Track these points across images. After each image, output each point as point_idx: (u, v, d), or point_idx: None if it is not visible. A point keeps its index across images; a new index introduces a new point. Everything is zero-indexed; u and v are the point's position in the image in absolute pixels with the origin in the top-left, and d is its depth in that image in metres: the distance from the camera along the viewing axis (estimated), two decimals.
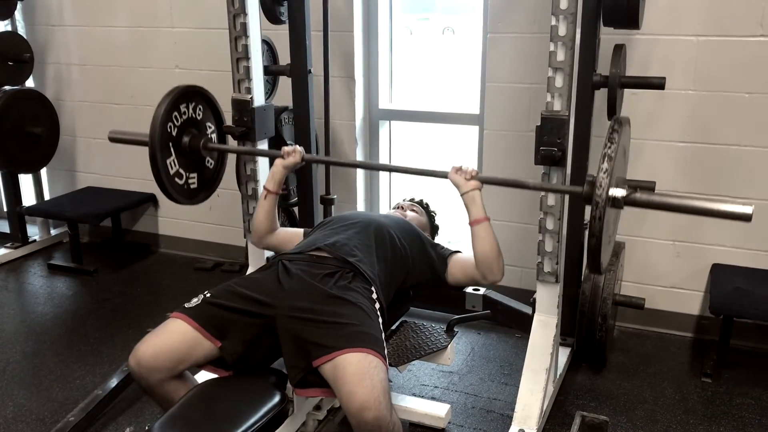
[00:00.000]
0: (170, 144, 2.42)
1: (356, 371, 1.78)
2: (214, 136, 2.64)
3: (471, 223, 2.23)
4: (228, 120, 2.71)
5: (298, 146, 2.49)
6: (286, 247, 2.45)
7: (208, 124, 2.61)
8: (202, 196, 2.64)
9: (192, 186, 2.57)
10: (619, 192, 1.84)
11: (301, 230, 2.59)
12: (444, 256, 2.45)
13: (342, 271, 2.09)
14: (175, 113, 2.43)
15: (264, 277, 2.13)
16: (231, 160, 3.02)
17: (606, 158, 1.79)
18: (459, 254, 2.46)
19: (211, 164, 2.65)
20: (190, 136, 2.49)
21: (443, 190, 2.49)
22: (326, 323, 1.91)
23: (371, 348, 1.85)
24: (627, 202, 1.86)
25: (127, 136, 2.58)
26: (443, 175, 2.26)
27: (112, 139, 2.60)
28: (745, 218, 1.74)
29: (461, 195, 2.22)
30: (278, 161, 2.47)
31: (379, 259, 2.22)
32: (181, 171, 2.50)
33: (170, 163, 2.43)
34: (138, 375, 1.92)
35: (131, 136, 2.55)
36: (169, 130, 2.40)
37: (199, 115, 2.54)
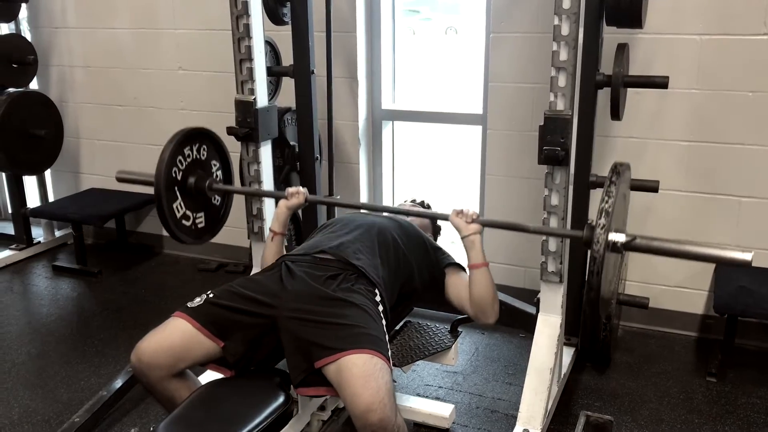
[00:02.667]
0: (175, 188, 2.42)
1: (361, 373, 1.78)
2: (219, 173, 2.63)
3: (469, 267, 2.26)
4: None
5: (301, 188, 2.50)
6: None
7: (213, 162, 2.61)
8: (208, 235, 2.64)
9: (200, 225, 2.58)
10: (618, 237, 1.87)
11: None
12: (443, 265, 2.39)
13: (345, 273, 2.09)
14: (180, 157, 2.42)
15: (267, 278, 2.14)
16: (234, 160, 3.02)
17: (603, 214, 1.81)
18: (457, 272, 2.39)
19: (217, 201, 2.65)
20: (195, 177, 2.48)
21: (444, 192, 2.49)
22: (329, 324, 1.92)
23: (375, 350, 1.85)
24: (627, 248, 1.90)
25: (133, 176, 2.61)
26: (444, 217, 2.31)
27: (120, 179, 2.63)
28: (745, 265, 1.79)
29: (462, 238, 2.25)
30: (282, 202, 2.49)
31: (382, 261, 2.22)
32: (188, 213, 2.50)
33: (176, 207, 2.44)
34: (139, 371, 1.93)
35: (138, 177, 2.58)
36: (174, 175, 2.40)
37: (203, 155, 2.54)
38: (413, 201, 2.84)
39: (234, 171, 2.74)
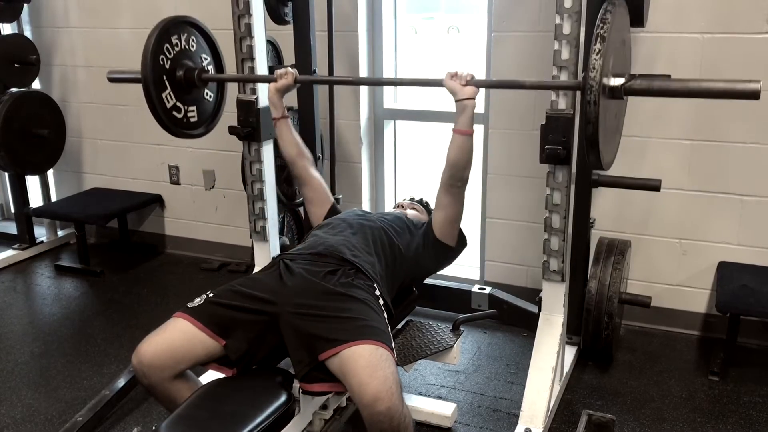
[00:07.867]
0: (164, 77, 2.40)
1: (368, 363, 1.79)
2: (210, 67, 2.61)
3: (454, 131, 2.27)
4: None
5: (290, 68, 2.49)
6: (317, 196, 2.59)
7: (203, 55, 2.58)
8: (202, 129, 2.61)
9: (192, 119, 2.55)
10: (616, 81, 1.78)
11: (331, 199, 2.64)
12: (428, 222, 2.49)
13: (343, 268, 2.11)
14: (167, 45, 2.40)
15: (266, 276, 2.15)
16: (237, 159, 3.03)
17: (598, 39, 1.66)
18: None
19: (210, 96, 2.63)
20: (185, 68, 2.47)
21: None
22: (332, 318, 1.93)
23: (379, 340, 1.86)
24: (626, 91, 1.81)
25: (123, 74, 2.60)
26: (438, 82, 2.25)
27: (111, 79, 2.62)
28: (753, 95, 1.64)
29: (455, 102, 2.24)
30: (270, 86, 2.50)
31: (378, 257, 2.23)
32: (179, 104, 2.48)
33: (166, 97, 2.41)
34: (140, 373, 1.93)
35: (127, 75, 2.56)
36: (161, 62, 2.38)
37: (192, 46, 2.52)
38: (412, 199, 2.85)
39: (224, 64, 2.71)
